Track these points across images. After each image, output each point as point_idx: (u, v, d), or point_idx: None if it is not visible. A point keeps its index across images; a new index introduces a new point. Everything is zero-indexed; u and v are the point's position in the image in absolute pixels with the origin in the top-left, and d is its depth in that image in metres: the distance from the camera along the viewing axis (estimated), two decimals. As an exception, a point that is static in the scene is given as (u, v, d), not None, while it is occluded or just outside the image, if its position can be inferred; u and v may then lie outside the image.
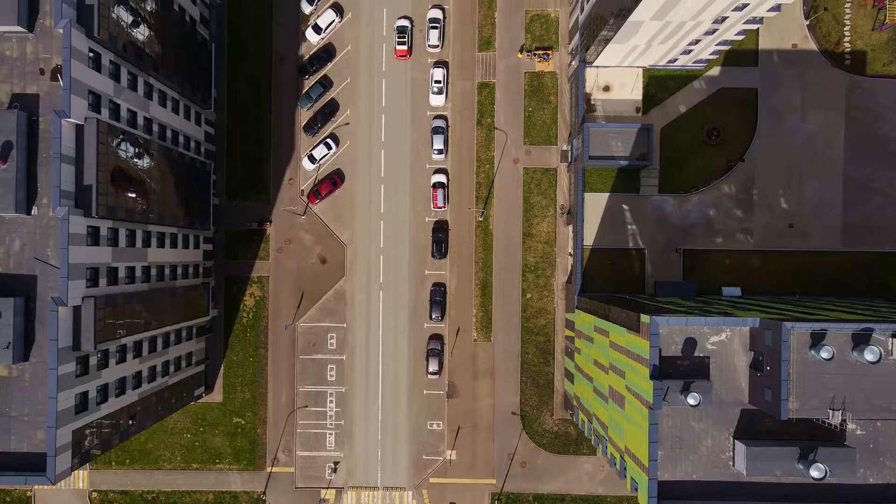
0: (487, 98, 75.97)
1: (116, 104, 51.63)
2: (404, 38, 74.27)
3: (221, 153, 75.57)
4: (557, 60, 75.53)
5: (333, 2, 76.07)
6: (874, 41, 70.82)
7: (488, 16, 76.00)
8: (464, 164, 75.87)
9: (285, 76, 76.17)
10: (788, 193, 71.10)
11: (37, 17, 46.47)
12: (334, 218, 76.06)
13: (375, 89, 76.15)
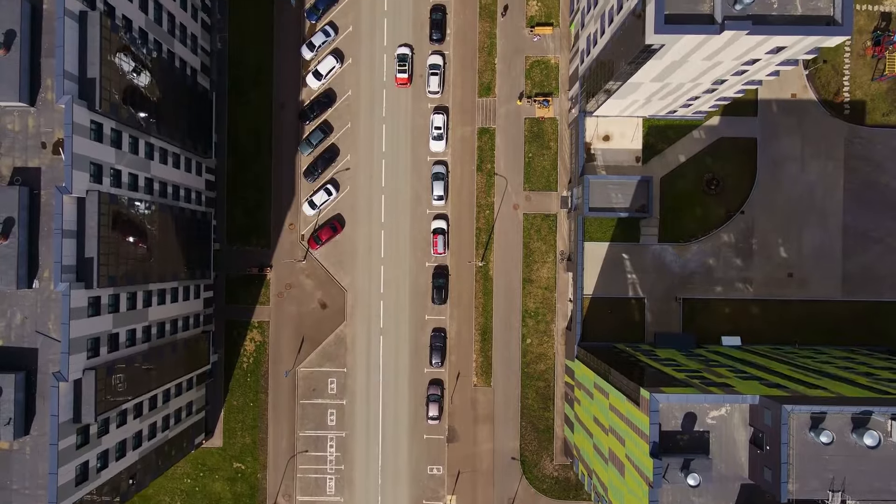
0: (488, 144, 76.14)
1: (118, 170, 51.76)
2: (405, 65, 74.43)
3: (222, 199, 75.70)
4: (557, 106, 75.71)
5: (334, 48, 76.27)
6: (873, 91, 71.01)
7: (488, 62, 76.20)
8: (464, 210, 76.01)
9: (286, 121, 76.34)
10: (788, 242, 71.24)
11: (38, 91, 46.60)
12: (335, 263, 76.18)
13: (376, 134, 76.34)
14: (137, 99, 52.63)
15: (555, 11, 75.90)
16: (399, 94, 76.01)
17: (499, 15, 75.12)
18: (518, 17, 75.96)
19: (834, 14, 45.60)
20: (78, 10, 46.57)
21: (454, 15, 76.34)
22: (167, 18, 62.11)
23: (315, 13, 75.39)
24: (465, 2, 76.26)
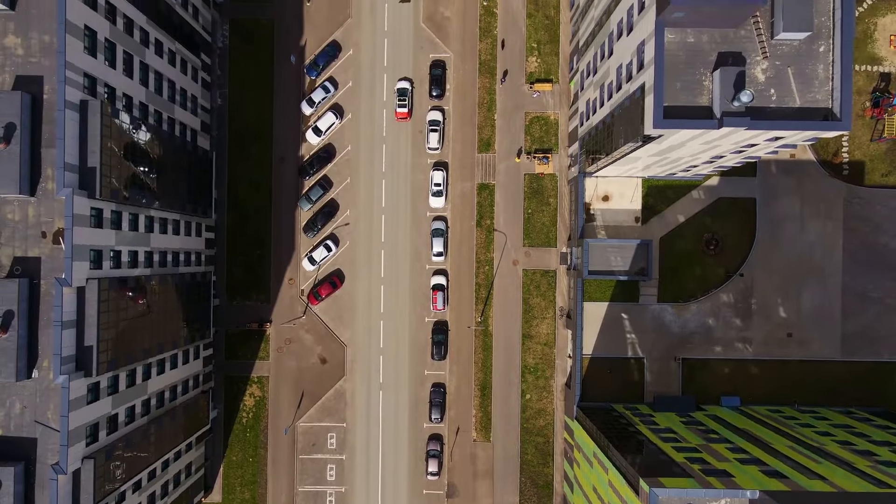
0: (487, 199, 76.23)
1: (118, 251, 51.83)
2: (405, 100, 74.58)
3: (222, 254, 75.76)
4: (557, 162, 75.83)
5: (333, 104, 76.40)
6: (872, 152, 71.11)
7: (488, 117, 76.32)
8: (463, 266, 76.08)
9: (285, 176, 76.44)
10: (787, 302, 71.28)
11: (38, 180, 46.68)
12: (334, 318, 76.22)
13: (375, 190, 76.44)
14: (139, 179, 52.72)
15: (554, 68, 76.05)
16: (399, 149, 76.13)
17: (498, 80, 75.30)
18: (517, 74, 76.11)
19: (832, 107, 45.70)
20: (79, 98, 46.71)
21: (454, 71, 76.50)
22: (167, 86, 62.25)
23: (315, 69, 75.53)
24: (465, 57, 76.43)
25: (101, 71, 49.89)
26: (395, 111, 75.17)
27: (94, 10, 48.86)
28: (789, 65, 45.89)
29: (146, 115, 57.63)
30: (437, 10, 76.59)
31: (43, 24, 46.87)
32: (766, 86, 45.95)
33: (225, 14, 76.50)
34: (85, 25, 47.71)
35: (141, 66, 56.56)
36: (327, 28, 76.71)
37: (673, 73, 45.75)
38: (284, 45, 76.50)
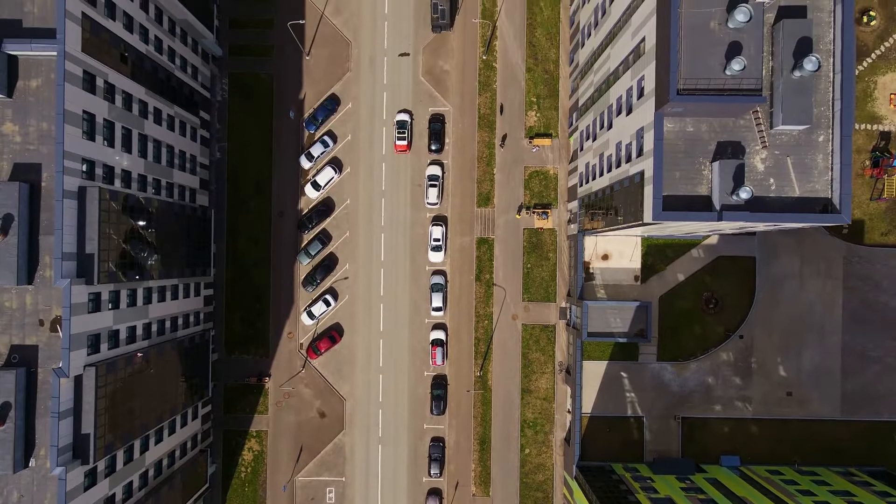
0: (486, 254, 76.11)
1: (116, 330, 51.71)
2: (404, 132, 74.47)
3: (220, 309, 75.60)
4: (556, 217, 75.73)
5: (332, 157, 76.31)
6: (872, 210, 71.02)
7: (487, 172, 76.24)
8: (462, 320, 75.94)
9: (285, 230, 76.31)
10: (787, 361, 71.15)
11: (36, 268, 46.55)
12: (333, 371, 76.06)
13: (374, 244, 76.33)
14: (138, 256, 52.61)
15: (553, 122, 75.98)
16: (398, 203, 76.02)
17: (497, 143, 75.24)
18: (517, 128, 76.04)
19: (832, 197, 45.59)
20: (77, 185, 46.60)
21: (453, 125, 76.43)
22: (166, 152, 62.17)
23: (314, 123, 75.47)
24: (464, 111, 76.36)
25: (100, 152, 49.80)
26: (395, 144, 75.04)
27: (92, 93, 48.78)
28: (788, 154, 45.81)
29: (144, 185, 57.55)
30: (437, 63, 76.54)
31: (41, 111, 46.78)
32: (765, 175, 45.86)
33: (224, 68, 76.43)
34: (83, 111, 47.62)
35: (139, 139, 56.48)
36: (326, 81, 76.66)
37: (672, 161, 45.66)
38: (283, 98, 76.42)
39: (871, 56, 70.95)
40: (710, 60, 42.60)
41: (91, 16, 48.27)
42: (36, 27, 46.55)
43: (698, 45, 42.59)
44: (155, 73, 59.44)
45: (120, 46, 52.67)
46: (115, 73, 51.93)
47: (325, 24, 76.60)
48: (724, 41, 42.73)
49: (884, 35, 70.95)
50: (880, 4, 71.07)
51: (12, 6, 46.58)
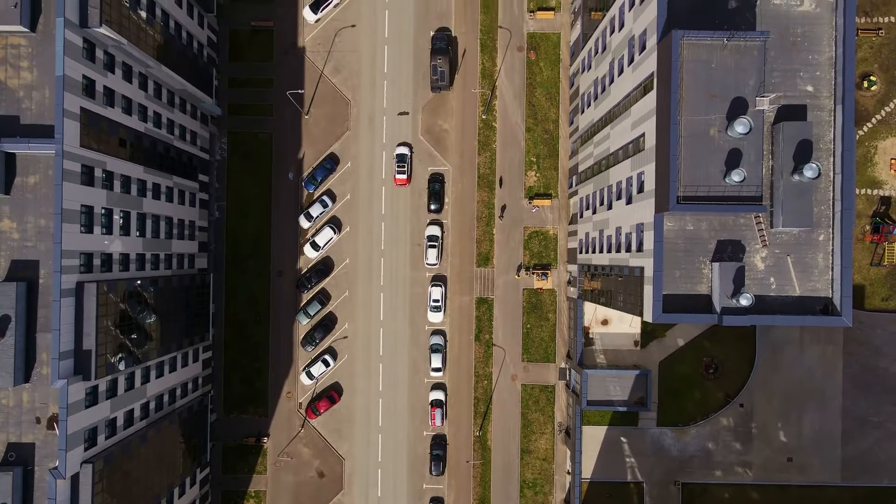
0: (486, 314, 75.92)
1: (113, 419, 51.50)
2: (404, 166, 74.32)
3: (219, 369, 75.39)
4: (556, 278, 75.55)
5: (331, 216, 76.15)
6: (872, 276, 70.87)
7: (487, 231, 76.08)
8: (462, 380, 75.73)
9: (284, 290, 76.10)
10: (787, 427, 70.95)
11: (33, 366, 46.38)
12: (332, 431, 75.82)
13: (374, 303, 76.13)
14: (136, 343, 52.42)
15: (553, 182, 75.86)
16: (397, 263, 75.86)
17: (497, 217, 75.20)
18: (517, 189, 75.90)
19: (832, 297, 45.43)
20: (74, 282, 46.43)
21: (452, 184, 76.29)
22: (165, 225, 62.01)
23: (313, 182, 75.31)
24: (464, 170, 76.23)
25: (98, 242, 49.63)
26: (395, 177, 74.88)
27: (90, 185, 48.63)
28: (789, 253, 45.66)
29: (143, 264, 57.37)
30: (436, 122, 76.41)
31: (39, 207, 46.65)
32: (765, 274, 45.70)
33: (223, 127, 76.30)
34: (81, 205, 47.47)
35: (138, 218, 56.31)
36: (325, 141, 76.53)
37: (672, 260, 45.49)
38: (283, 157, 76.28)
39: (872, 121, 70.84)
40: (710, 168, 42.47)
41: (89, 108, 48.13)
42: (34, 123, 46.40)
43: (698, 152, 42.45)
44: (153, 148, 59.31)
45: (118, 131, 52.55)
46: (114, 159, 51.80)
47: (324, 83, 76.49)
48: (724, 148, 42.60)
49: (884, 100, 70.84)
50: (880, 69, 70.97)
51: (10, 102, 46.46)
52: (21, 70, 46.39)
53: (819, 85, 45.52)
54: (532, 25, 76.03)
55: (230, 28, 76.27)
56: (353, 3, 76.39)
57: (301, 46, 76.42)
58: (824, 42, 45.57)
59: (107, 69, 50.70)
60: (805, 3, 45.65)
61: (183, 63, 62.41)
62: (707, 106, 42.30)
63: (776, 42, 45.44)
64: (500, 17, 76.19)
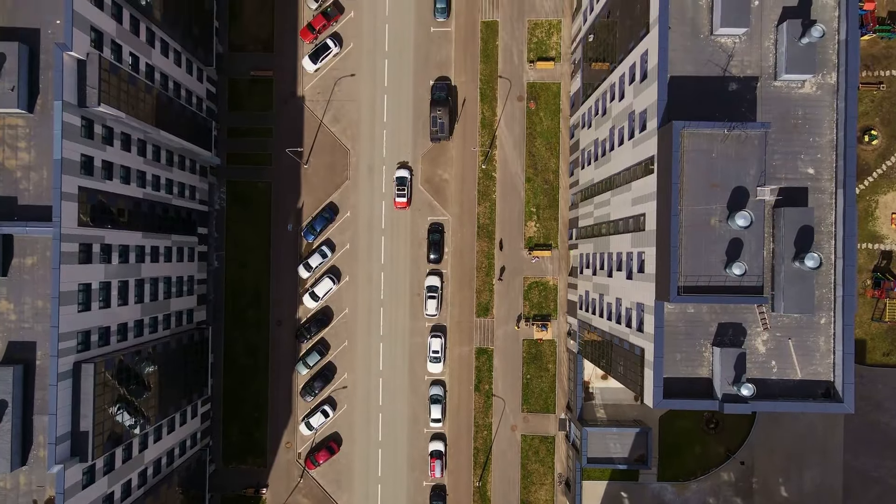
0: (485, 364, 75.66)
1: (111, 493, 51.19)
2: (404, 189, 74.11)
3: (218, 418, 75.09)
4: (556, 328, 75.29)
5: (331, 266, 75.91)
6: (874, 331, 70.59)
7: (486, 282, 75.82)
8: (462, 431, 75.43)
9: (283, 340, 75.83)
10: (788, 482, 70.65)
11: (30, 448, 46.11)
12: (332, 481, 75.52)
13: (373, 353, 75.87)
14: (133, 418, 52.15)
15: (553, 233, 75.63)
16: (397, 313, 75.60)
17: (496, 278, 74.91)
18: (517, 239, 75.67)
19: (834, 381, 45.18)
20: (72, 363, 46.15)
21: (452, 234, 76.06)
22: (163, 285, 61.77)
23: (312, 233, 75.07)
24: (463, 220, 75.99)
25: (95, 318, 49.36)
26: (394, 200, 74.67)
27: (88, 262, 48.41)
28: (790, 336, 45.42)
29: (141, 329, 57.12)
30: (436, 172, 76.19)
31: (36, 289, 46.41)
32: (766, 357, 45.45)
33: (222, 177, 76.08)
34: (79, 284, 47.23)
35: (136, 285, 56.08)
36: (325, 190, 76.32)
37: (672, 343, 45.25)
38: (282, 207, 76.06)
39: (873, 175, 70.62)
40: (710, 257, 42.24)
41: (87, 186, 47.92)
42: (31, 204, 46.17)
43: (699, 241, 42.22)
44: (152, 212, 59.10)
45: (117, 202, 52.33)
46: (112, 231, 51.57)
47: (323, 132, 76.29)
48: (725, 237, 42.37)
49: (885, 154, 70.64)
50: (882, 123, 70.76)
51: (7, 183, 46.22)
52: (19, 150, 46.17)
53: (820, 167, 45.32)
54: (532, 75, 75.86)
55: (229, 77, 76.11)
56: (353, 53, 76.23)
57: (300, 96, 76.25)
58: (825, 125, 45.37)
59: (105, 143, 50.50)
60: (806, 86, 45.46)
61: (182, 122, 62.21)
62: (708, 195, 42.08)
63: (777, 124, 45.25)
64: (499, 67, 76.02)
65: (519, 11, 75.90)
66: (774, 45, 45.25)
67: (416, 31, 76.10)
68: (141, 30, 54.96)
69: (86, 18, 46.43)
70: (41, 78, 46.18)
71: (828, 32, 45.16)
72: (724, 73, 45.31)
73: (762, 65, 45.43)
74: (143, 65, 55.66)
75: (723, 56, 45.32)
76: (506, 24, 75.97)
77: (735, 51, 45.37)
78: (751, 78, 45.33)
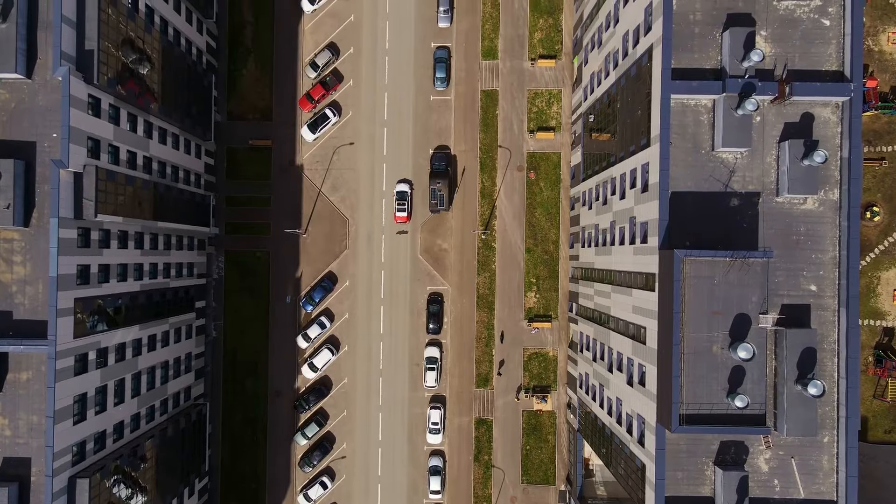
0: (485, 435, 75.22)
1: None
2: (404, 203, 73.75)
3: (216, 491, 74.61)
4: (556, 400, 74.88)
5: (330, 335, 75.50)
6: (875, 408, 70.20)
7: (486, 352, 75.42)
8: (461, 501, 74.94)
9: (281, 411, 75.38)
10: (789, 559, 70.07)
11: None
12: (330, 552, 75.13)
13: (372, 423, 75.42)
14: None
15: (553, 304, 75.25)
16: (396, 383, 75.18)
17: (495, 374, 74.55)
18: (516, 310, 75.28)
19: (837, 500, 44.75)
20: (66, 479, 45.62)
21: (451, 304, 75.65)
22: (161, 372, 61.32)
23: (311, 303, 74.65)
24: (463, 290, 75.58)
25: (91, 427, 48.92)
26: (395, 215, 74.30)
27: (84, 372, 47.96)
28: (793, 455, 45.02)
29: (137, 423, 56.68)
30: (435, 242, 75.80)
31: (31, 404, 45.98)
32: (769, 476, 45.03)
33: (220, 246, 75.67)
34: (74, 397, 46.81)
35: (132, 379, 55.65)
36: (323, 260, 75.93)
37: (674, 461, 44.82)
38: (280, 276, 75.67)
39: (875, 251, 70.28)
40: (712, 384, 41.85)
41: (84, 295, 47.52)
42: (27, 319, 45.76)
43: (700, 368, 41.82)
44: (149, 301, 58.68)
45: (114, 303, 51.92)
46: (109, 333, 51.16)
47: (322, 201, 75.92)
48: (727, 365, 41.96)
49: (887, 230, 70.29)
50: (884, 199, 70.43)
51: (2, 297, 45.82)
52: (14, 265, 45.76)
53: (823, 284, 44.95)
54: (532, 145, 75.53)
55: (228, 146, 75.76)
56: (352, 121, 75.90)
57: (299, 164, 75.92)
58: (828, 241, 45.02)
59: (102, 246, 50.09)
60: (808, 202, 45.11)
61: (180, 206, 61.86)
62: (710, 322, 41.70)
63: (779, 240, 44.90)
64: (499, 137, 75.68)
65: (519, 81, 75.57)
66: (776, 162, 44.91)
67: (416, 99, 75.76)
68: (138, 125, 54.59)
69: (82, 131, 46.06)
70: (37, 191, 45.79)
71: (830, 150, 44.81)
72: (725, 188, 44.97)
73: (764, 180, 45.09)
74: (141, 158, 55.28)
75: (724, 172, 44.99)
76: (506, 94, 75.65)
77: (737, 166, 45.03)
78: (752, 193, 44.99)
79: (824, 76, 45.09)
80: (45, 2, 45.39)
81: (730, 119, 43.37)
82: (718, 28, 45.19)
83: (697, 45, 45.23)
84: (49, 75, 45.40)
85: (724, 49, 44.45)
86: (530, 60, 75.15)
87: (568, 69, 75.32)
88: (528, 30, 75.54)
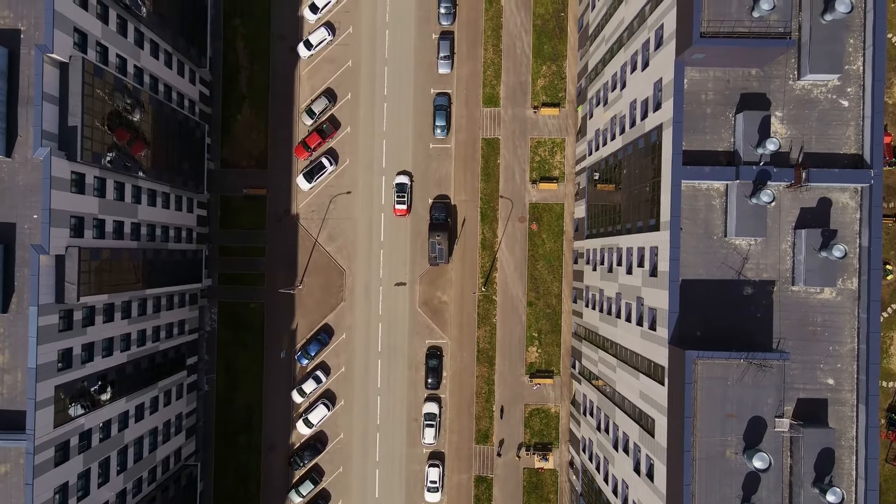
0: (485, 493, 73.09)
1: None
2: (403, 196, 71.70)
3: (207, 550, 72.67)
4: (557, 457, 72.78)
5: (326, 389, 73.39)
6: (887, 472, 68.08)
7: (486, 408, 73.31)
8: (460, 563, 72.95)
9: (275, 467, 73.25)
10: None
11: None
12: None
13: (369, 480, 73.35)
14: None
15: (556, 359, 73.12)
16: (394, 440, 73.07)
17: (495, 451, 72.41)
18: (517, 365, 73.17)
19: None
20: None
21: (450, 358, 73.54)
22: (149, 438, 59.18)
23: (306, 356, 72.55)
24: (462, 344, 73.48)
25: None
26: (394, 207, 72.28)
27: (66, 460, 45.78)
28: (808, 557, 42.82)
29: (123, 499, 54.56)
30: (434, 294, 73.69)
31: (9, 499, 43.78)
32: (783, 579, 42.86)
33: (213, 298, 73.57)
34: (55, 488, 44.67)
35: (119, 454, 53.51)
36: (319, 312, 73.81)
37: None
38: (275, 329, 73.56)
39: (888, 310, 68.15)
40: (726, 491, 39.56)
41: (65, 381, 45.40)
42: (5, 409, 43.65)
43: (714, 474, 39.66)
44: (137, 370, 56.54)
45: (98, 382, 49.79)
46: (93, 414, 49.03)
47: (318, 252, 73.82)
48: (741, 472, 39.40)
49: (900, 289, 68.24)
50: (896, 256, 68.38)
51: (-20, 386, 43.68)
52: (-8, 352, 43.68)
53: (840, 378, 42.85)
54: (534, 195, 73.42)
55: (222, 195, 73.68)
56: (349, 170, 73.81)
57: (295, 213, 73.82)
58: (846, 332, 42.91)
59: (86, 325, 47.99)
60: (825, 292, 43.00)
61: (170, 268, 59.76)
62: (723, 426, 39.57)
63: (795, 332, 42.79)
64: (501, 187, 73.59)
65: (521, 129, 73.47)
66: (792, 249, 42.80)
67: (415, 147, 73.66)
68: (126, 192, 52.51)
69: (65, 212, 43.98)
70: (16, 275, 43.69)
71: (849, 239, 42.71)
72: (738, 276, 42.87)
73: (779, 268, 42.99)
74: (129, 225, 53.19)
75: (737, 259, 42.89)
76: (507, 142, 73.56)
77: (750, 253, 42.93)
78: (767, 282, 42.89)
79: (842, 160, 42.99)
80: (25, 78, 43.30)
81: (743, 208, 41.29)
82: (732, 109, 43.11)
83: (710, 127, 43.14)
84: (30, 154, 43.32)
85: (738, 132, 42.36)
86: (533, 108, 73.08)
87: (572, 117, 73.23)
88: (531, 76, 73.45)
